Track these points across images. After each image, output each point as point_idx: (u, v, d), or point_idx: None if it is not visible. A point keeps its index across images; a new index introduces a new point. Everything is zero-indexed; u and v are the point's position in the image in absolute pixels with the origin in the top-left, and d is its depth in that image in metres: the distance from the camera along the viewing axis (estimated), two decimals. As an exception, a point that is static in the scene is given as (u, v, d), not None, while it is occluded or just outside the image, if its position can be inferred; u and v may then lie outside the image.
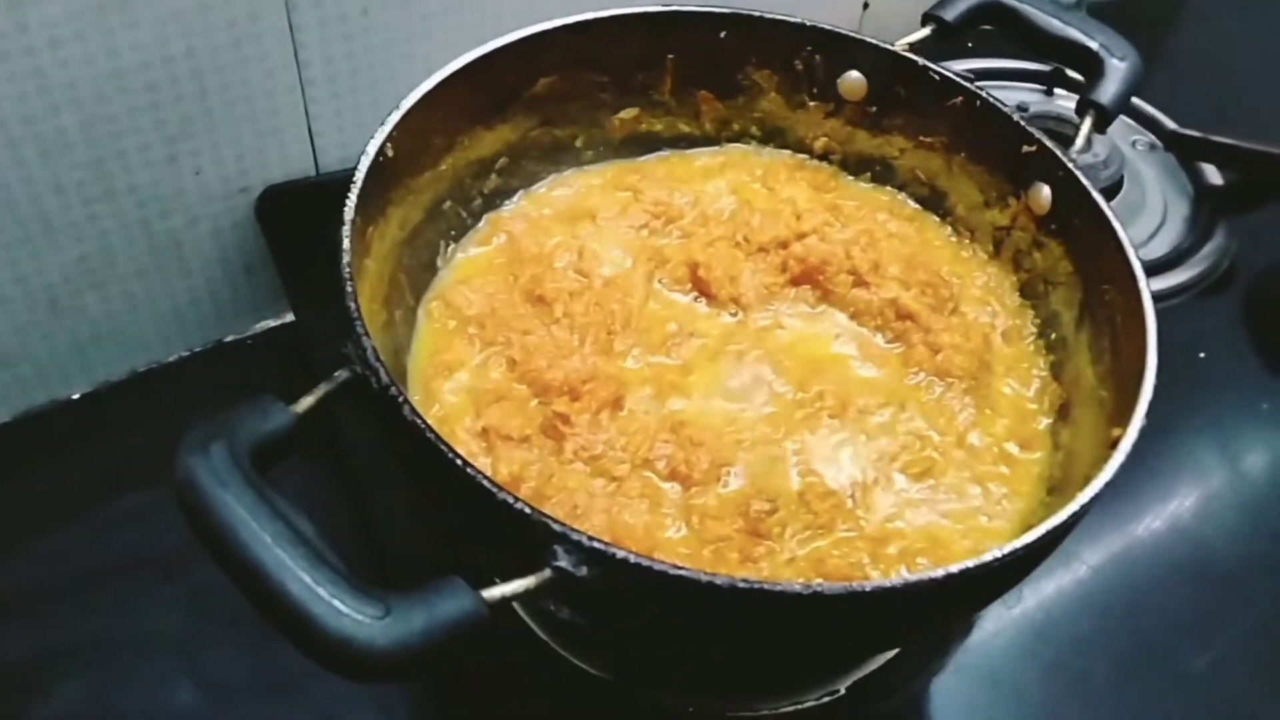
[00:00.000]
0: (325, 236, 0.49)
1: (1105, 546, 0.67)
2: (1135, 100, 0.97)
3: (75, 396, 0.72)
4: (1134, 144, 0.95)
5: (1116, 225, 0.55)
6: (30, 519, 0.64)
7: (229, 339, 0.77)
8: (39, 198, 0.63)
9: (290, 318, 0.77)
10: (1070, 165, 0.57)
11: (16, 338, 0.67)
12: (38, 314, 0.67)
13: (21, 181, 0.61)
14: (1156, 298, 0.82)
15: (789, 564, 0.51)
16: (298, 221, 0.70)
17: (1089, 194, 0.56)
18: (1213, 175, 0.92)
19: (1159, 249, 0.87)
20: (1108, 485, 0.45)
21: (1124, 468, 0.45)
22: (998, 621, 0.63)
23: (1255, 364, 0.80)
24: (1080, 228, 0.58)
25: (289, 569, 0.36)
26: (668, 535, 0.52)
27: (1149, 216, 0.89)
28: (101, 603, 0.60)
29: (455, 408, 0.56)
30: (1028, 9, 0.63)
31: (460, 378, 0.57)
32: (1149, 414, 0.47)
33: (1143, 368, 0.48)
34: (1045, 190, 0.60)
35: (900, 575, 0.40)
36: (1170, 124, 0.95)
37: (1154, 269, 0.84)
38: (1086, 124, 0.61)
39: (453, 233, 0.64)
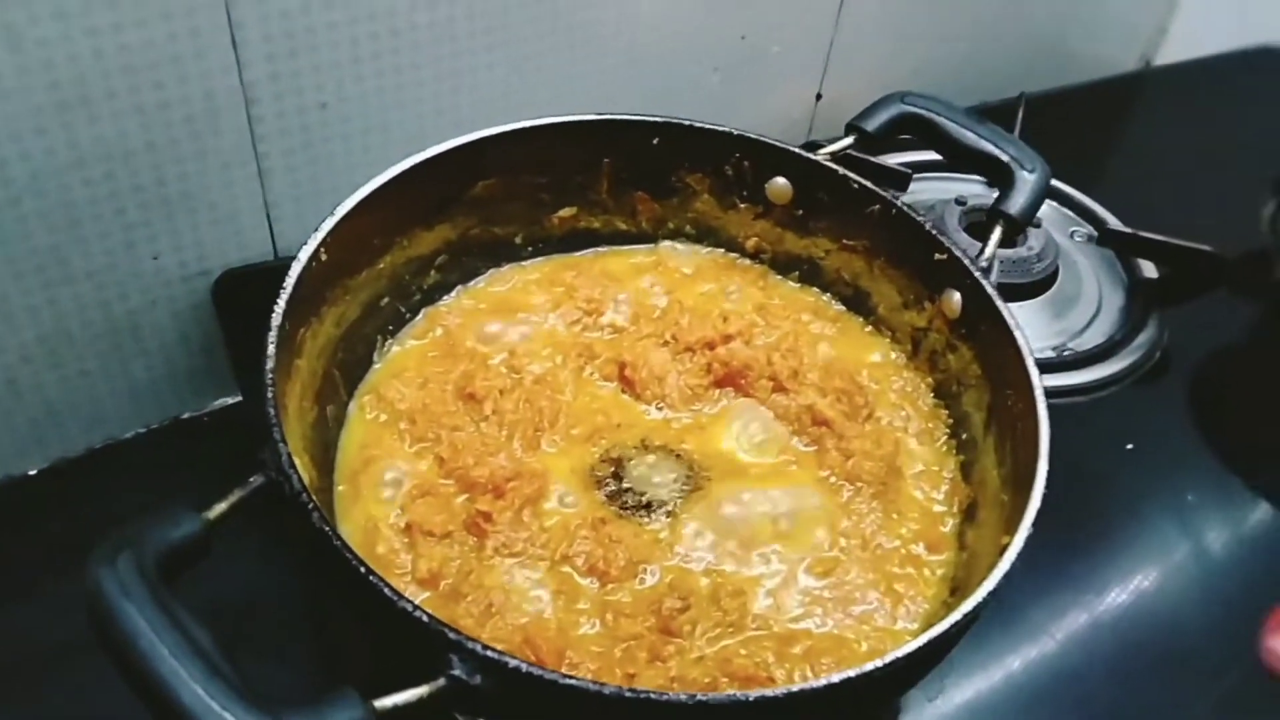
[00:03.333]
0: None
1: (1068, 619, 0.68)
2: (1075, 193, 1.00)
3: (31, 473, 0.73)
4: (1072, 235, 0.97)
5: (1018, 334, 0.57)
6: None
7: (185, 416, 0.78)
8: (-3, 282, 0.64)
9: (245, 396, 0.78)
10: (977, 275, 0.60)
11: (-25, 417, 0.68)
12: (-3, 393, 0.68)
13: (-20, 268, 0.63)
14: (1087, 389, 0.86)
15: (697, 663, 0.52)
16: (254, 304, 0.71)
17: (993, 302, 0.59)
18: (1148, 269, 0.94)
19: (1093, 339, 0.88)
20: (1000, 587, 0.46)
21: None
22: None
23: (1184, 455, 0.82)
24: (987, 333, 0.60)
25: (184, 681, 0.37)
26: (581, 632, 0.53)
27: (1084, 306, 0.91)
28: (53, 683, 0.61)
29: (380, 502, 0.58)
30: (943, 121, 0.66)
31: (387, 473, 0.59)
32: (1052, 515, 0.49)
33: (1033, 477, 0.50)
34: (956, 296, 0.62)
35: (782, 687, 0.42)
36: (1108, 217, 0.98)
37: (1087, 359, 0.86)
38: (996, 232, 0.63)
39: (390, 327, 0.66)
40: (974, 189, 0.97)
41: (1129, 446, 0.81)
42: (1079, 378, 0.83)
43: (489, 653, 0.41)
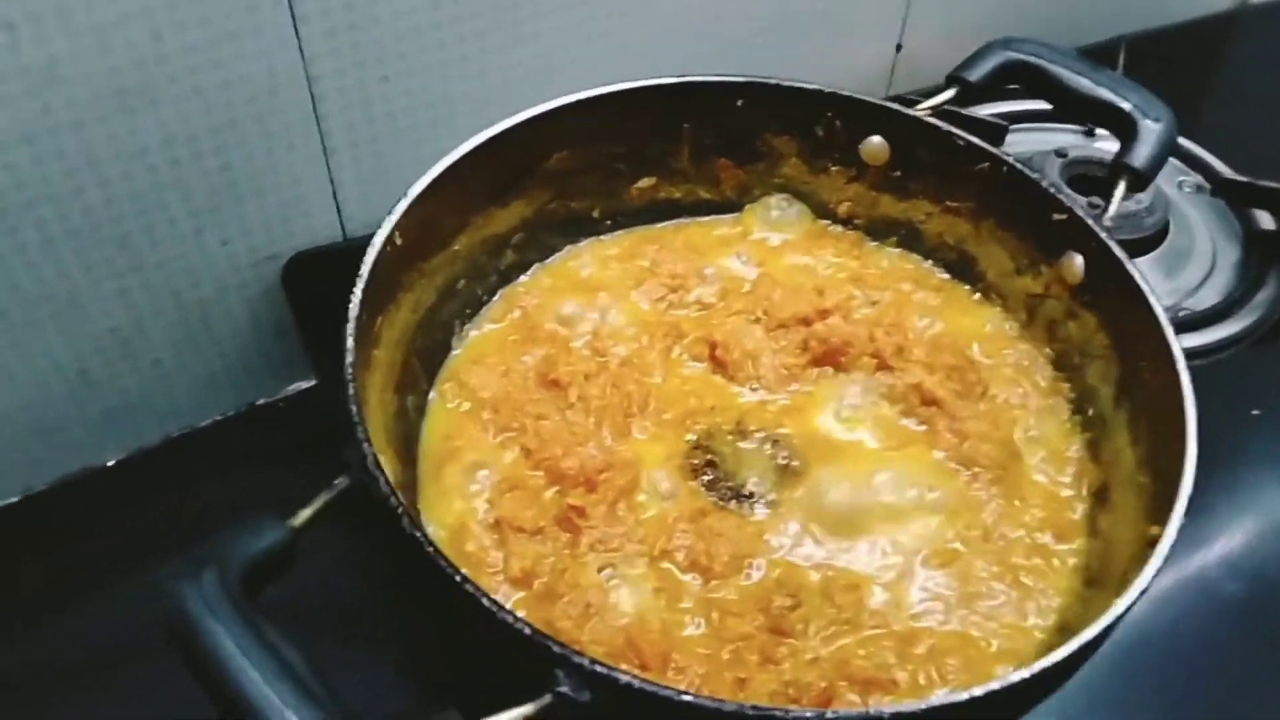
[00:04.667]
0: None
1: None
2: (1182, 141, 0.93)
3: (110, 463, 0.72)
4: (1180, 185, 0.91)
5: (1153, 299, 0.52)
6: (66, 588, 0.64)
7: (261, 402, 0.77)
8: (68, 275, 0.63)
9: (321, 380, 0.77)
10: (1103, 236, 0.55)
11: (50, 409, 0.67)
12: (70, 385, 0.67)
13: (50, 261, 0.62)
14: (1205, 351, 0.81)
15: (812, 664, 0.49)
16: (324, 287, 0.69)
17: (1123, 265, 0.54)
18: (1265, 221, 0.88)
19: (1209, 298, 0.83)
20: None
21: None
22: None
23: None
24: (1114, 298, 0.55)
25: (275, 707, 0.35)
26: (686, 633, 0.50)
27: (1197, 263, 0.85)
28: (129, 679, 0.60)
29: (467, 497, 0.55)
30: (1056, 69, 0.61)
31: (473, 464, 0.56)
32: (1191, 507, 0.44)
33: (1182, 461, 0.46)
34: (1078, 259, 0.58)
35: (915, 702, 0.38)
36: (1220, 166, 0.91)
37: (1203, 320, 0.80)
38: (1120, 188, 0.58)
39: (467, 311, 0.63)
40: (1074, 139, 0.91)
41: (1254, 412, 0.75)
42: (1197, 340, 0.78)
43: (598, 668, 0.38)
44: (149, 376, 0.70)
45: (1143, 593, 0.42)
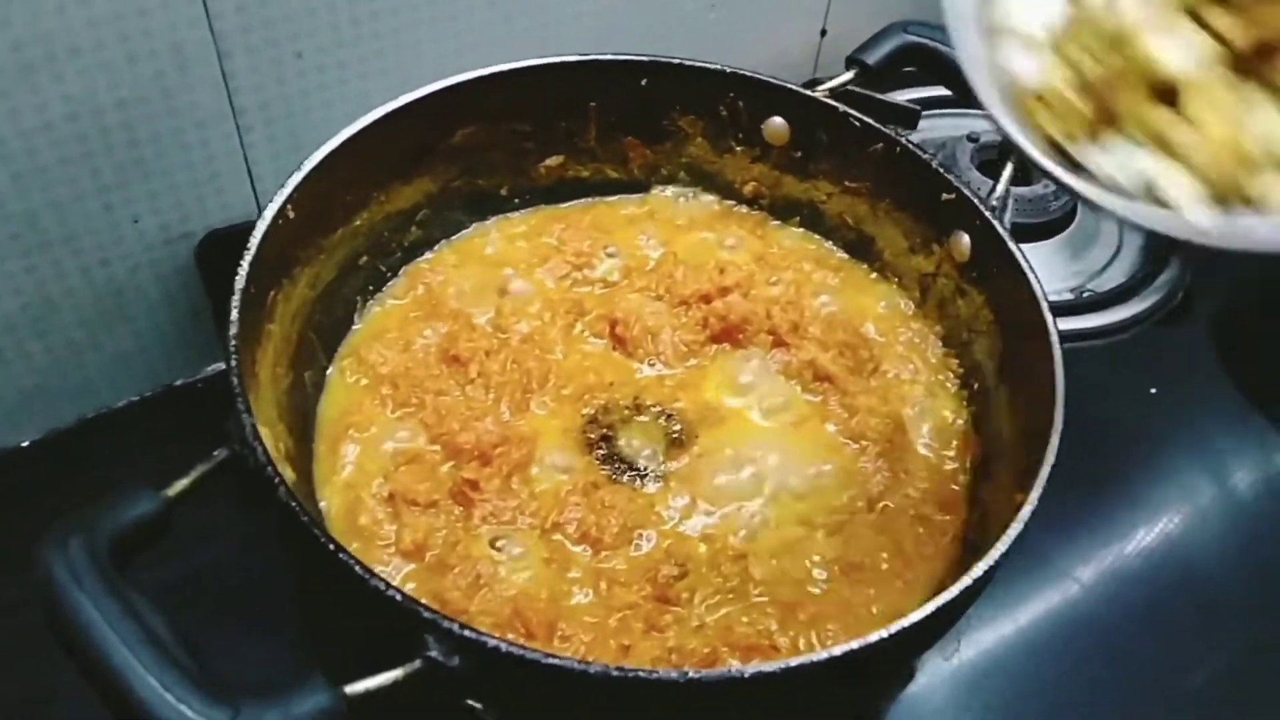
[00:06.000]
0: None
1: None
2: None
3: (24, 444, 0.71)
4: (1090, 171, 0.93)
5: (1031, 277, 0.53)
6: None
7: (179, 383, 0.76)
8: (-27, 252, 0.62)
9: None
10: (986, 214, 0.56)
11: (-38, 390, 0.67)
12: (-19, 364, 0.67)
13: (-45, 237, 0.61)
14: (1108, 331, 0.83)
15: (697, 631, 0.50)
16: (239, 266, 0.70)
17: (1005, 243, 0.55)
18: (1169, 204, 0.90)
19: (1114, 278, 0.85)
20: (1013, 548, 0.44)
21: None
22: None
23: (1209, 398, 0.79)
24: (998, 276, 0.57)
25: (137, 671, 0.35)
26: (574, 603, 0.51)
27: (1104, 245, 0.87)
28: (40, 658, 0.59)
29: (362, 471, 0.55)
30: (949, 51, 0.62)
31: (370, 439, 0.56)
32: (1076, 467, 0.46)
33: (1049, 430, 0.47)
34: (965, 238, 0.59)
35: (779, 661, 0.39)
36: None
37: (1108, 300, 0.82)
38: (1008, 170, 0.59)
39: (370, 287, 0.63)
40: (987, 124, 0.92)
41: (1152, 390, 0.78)
42: (1099, 320, 0.80)
43: (466, 632, 0.39)
44: (62, 356, 0.69)
45: (1004, 556, 0.43)
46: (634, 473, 0.56)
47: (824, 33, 0.94)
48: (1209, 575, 0.67)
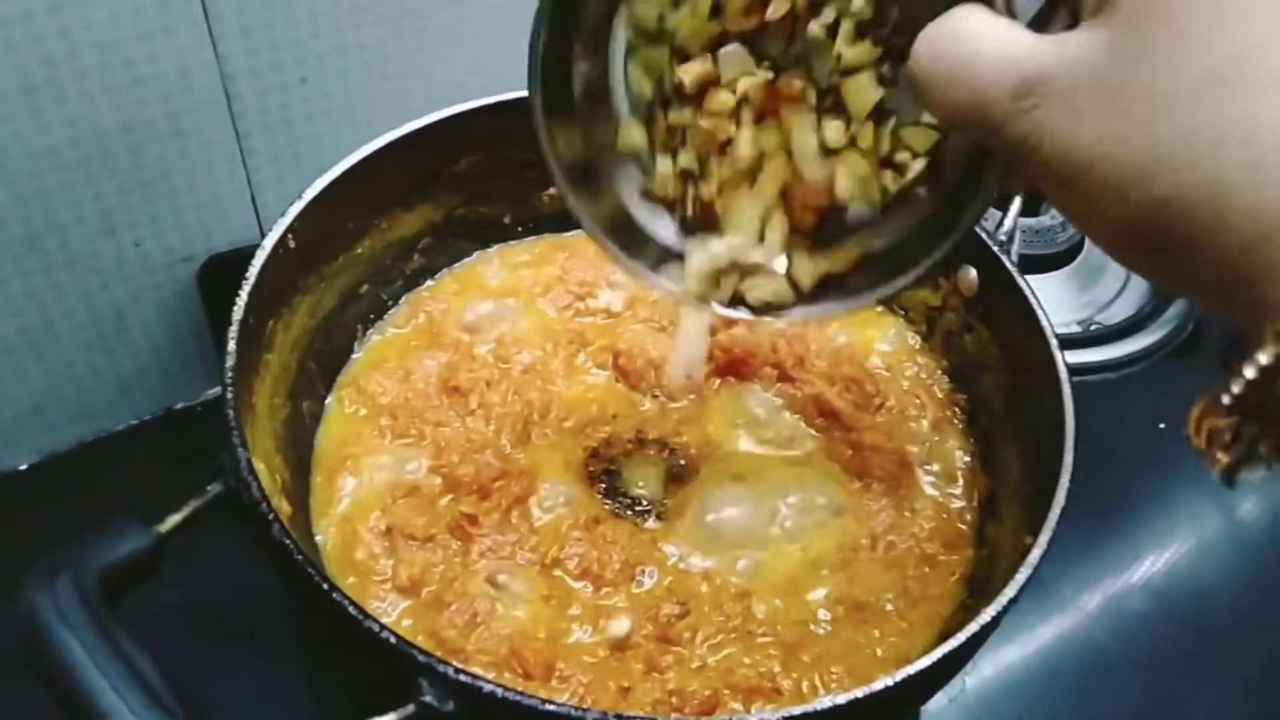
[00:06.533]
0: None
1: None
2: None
3: (22, 467, 0.71)
4: (1097, 202, 0.92)
5: (1039, 313, 0.53)
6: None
7: (179, 406, 0.76)
8: (-27, 272, 0.62)
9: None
10: (994, 249, 0.56)
11: (-41, 411, 0.66)
12: (-21, 386, 0.66)
13: (-46, 257, 0.61)
14: (1116, 365, 0.82)
15: (698, 673, 0.49)
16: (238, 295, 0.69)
17: (1012, 278, 0.54)
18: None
19: (1122, 311, 0.84)
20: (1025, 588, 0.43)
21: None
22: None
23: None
24: (1005, 311, 0.56)
25: (123, 715, 0.34)
26: (573, 640, 0.50)
27: (1112, 277, 0.87)
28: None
29: (359, 504, 0.54)
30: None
31: (368, 471, 0.55)
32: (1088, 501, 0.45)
33: (1058, 470, 0.46)
34: (972, 272, 0.58)
35: (779, 710, 0.38)
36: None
37: (1116, 333, 0.82)
38: (1015, 204, 0.59)
39: (371, 315, 0.63)
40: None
41: (1161, 425, 0.77)
42: (1107, 353, 0.80)
43: (461, 677, 0.38)
44: (61, 379, 0.69)
45: (1012, 601, 0.42)
46: (636, 508, 0.55)
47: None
48: (1215, 606, 0.67)
